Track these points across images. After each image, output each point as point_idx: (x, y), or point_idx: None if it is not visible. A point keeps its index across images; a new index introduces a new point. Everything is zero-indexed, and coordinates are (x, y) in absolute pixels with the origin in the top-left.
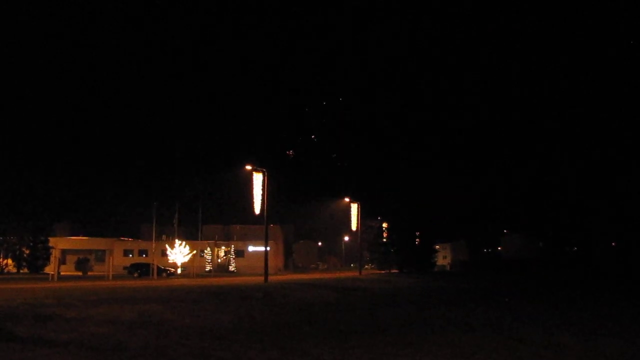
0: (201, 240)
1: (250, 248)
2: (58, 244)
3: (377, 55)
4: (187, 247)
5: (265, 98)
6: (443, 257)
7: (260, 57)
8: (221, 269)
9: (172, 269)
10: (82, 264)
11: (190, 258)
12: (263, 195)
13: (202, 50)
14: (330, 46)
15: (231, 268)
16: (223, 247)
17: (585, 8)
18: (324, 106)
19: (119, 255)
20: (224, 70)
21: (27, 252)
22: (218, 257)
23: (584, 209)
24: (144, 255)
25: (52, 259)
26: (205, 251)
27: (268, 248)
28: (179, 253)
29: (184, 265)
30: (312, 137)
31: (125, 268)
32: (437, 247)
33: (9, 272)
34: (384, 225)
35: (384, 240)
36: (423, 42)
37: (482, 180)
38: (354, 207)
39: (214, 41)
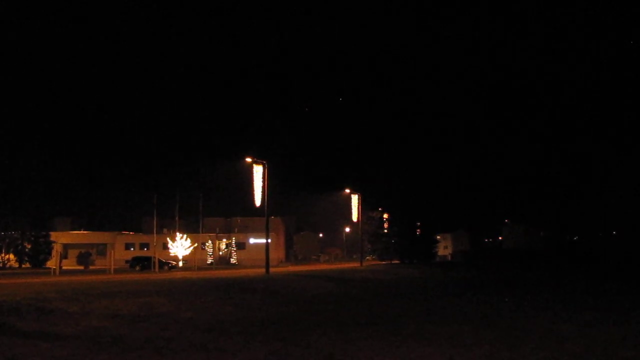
0: (202, 233)
1: (252, 240)
2: (59, 238)
3: (373, 47)
4: (189, 240)
5: (266, 91)
6: (444, 248)
7: (263, 51)
8: (222, 261)
9: (174, 262)
10: (83, 258)
11: (192, 251)
12: (263, 187)
13: (204, 45)
14: (326, 40)
15: (232, 260)
16: (224, 240)
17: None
18: (325, 100)
19: (120, 249)
20: (225, 63)
21: (29, 246)
22: (219, 249)
23: (584, 198)
24: (146, 249)
25: (53, 253)
26: (207, 244)
27: (269, 240)
28: (180, 246)
29: (185, 258)
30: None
31: (126, 262)
32: (438, 237)
33: (11, 267)
34: (385, 216)
35: (385, 231)
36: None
37: (483, 170)
38: (355, 198)
39: (215, 36)
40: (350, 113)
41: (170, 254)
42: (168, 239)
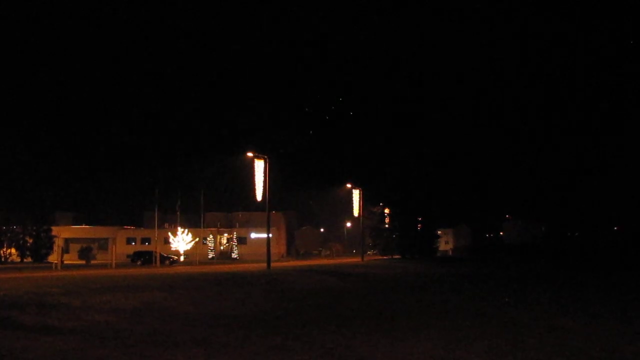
0: (203, 227)
1: (253, 235)
2: (61, 233)
3: (374, 43)
4: (190, 235)
5: (269, 87)
6: (445, 243)
7: (265, 47)
8: (224, 256)
9: (175, 257)
10: (85, 253)
11: (193, 245)
12: (265, 182)
13: (206, 41)
14: (328, 37)
15: (234, 255)
16: (225, 234)
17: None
18: (326, 96)
19: (121, 243)
20: (227, 58)
21: (31, 241)
22: (220, 244)
23: (585, 194)
24: (147, 243)
25: (55, 248)
26: (208, 238)
27: (270, 235)
28: (181, 241)
29: (186, 253)
30: (310, 132)
31: (128, 256)
32: (439, 232)
33: (12, 262)
34: (386, 211)
35: (386, 226)
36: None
37: (484, 165)
38: (356, 193)
39: (218, 32)
40: (350, 110)
41: (172, 249)
42: (169, 233)
